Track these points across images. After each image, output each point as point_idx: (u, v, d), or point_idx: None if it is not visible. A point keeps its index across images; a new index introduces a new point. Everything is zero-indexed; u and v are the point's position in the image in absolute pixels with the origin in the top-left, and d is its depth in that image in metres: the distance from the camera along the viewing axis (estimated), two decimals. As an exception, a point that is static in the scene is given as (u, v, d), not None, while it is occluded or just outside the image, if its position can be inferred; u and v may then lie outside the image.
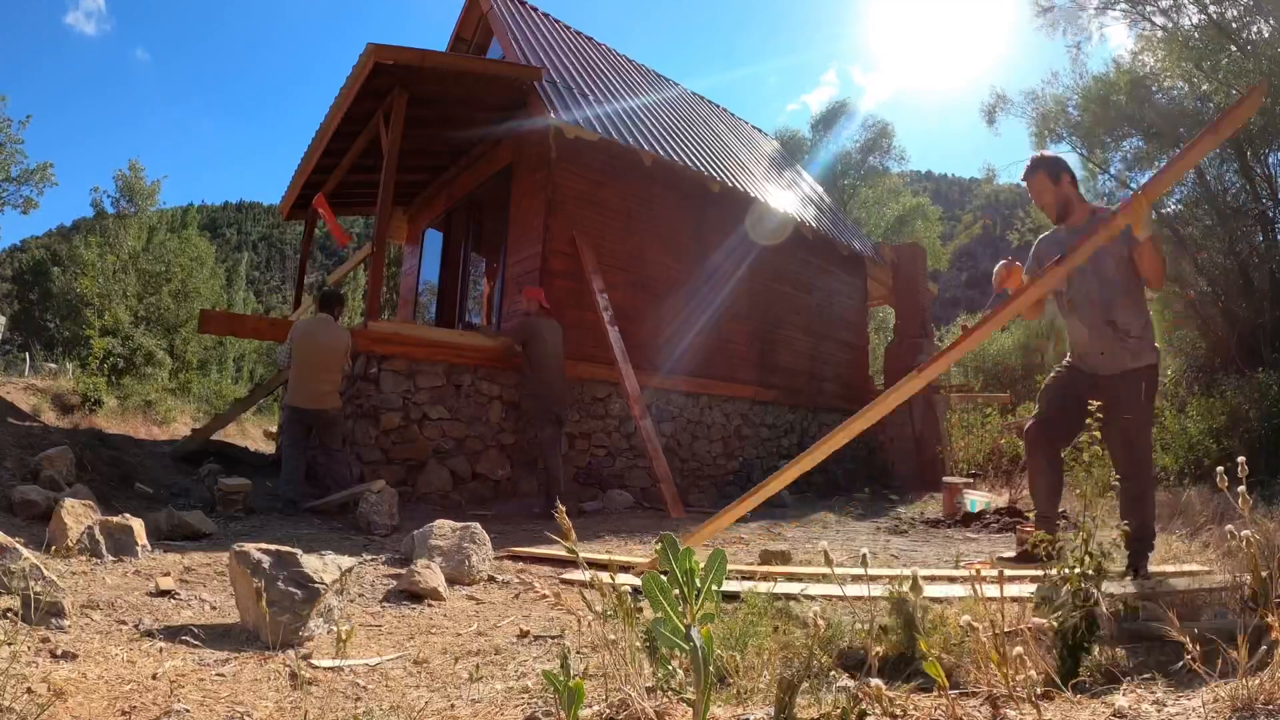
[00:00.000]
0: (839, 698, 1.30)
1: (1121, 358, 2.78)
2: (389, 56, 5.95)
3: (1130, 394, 2.73)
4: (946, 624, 1.76)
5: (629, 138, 7.64)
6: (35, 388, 10.13)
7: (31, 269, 21.63)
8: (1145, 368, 2.78)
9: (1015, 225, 14.10)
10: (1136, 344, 2.77)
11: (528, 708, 1.63)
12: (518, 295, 7.35)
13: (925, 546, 4.64)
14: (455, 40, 9.89)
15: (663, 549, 1.35)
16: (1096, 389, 2.73)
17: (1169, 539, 3.74)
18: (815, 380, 9.84)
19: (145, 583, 2.71)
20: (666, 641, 1.28)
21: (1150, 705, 1.27)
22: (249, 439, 11.29)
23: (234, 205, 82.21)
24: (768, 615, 1.91)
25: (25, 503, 3.71)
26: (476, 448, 6.33)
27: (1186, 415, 7.54)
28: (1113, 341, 2.80)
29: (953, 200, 43.81)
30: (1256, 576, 1.45)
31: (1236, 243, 9.73)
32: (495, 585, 3.15)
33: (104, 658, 1.87)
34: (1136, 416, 2.72)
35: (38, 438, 5.70)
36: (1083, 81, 11.07)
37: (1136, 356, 2.77)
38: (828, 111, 22.89)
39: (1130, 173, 11.45)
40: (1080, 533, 1.70)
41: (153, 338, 16.77)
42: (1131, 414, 2.70)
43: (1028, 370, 15.64)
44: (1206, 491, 4.85)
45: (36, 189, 17.04)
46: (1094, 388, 2.76)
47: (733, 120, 12.85)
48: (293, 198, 9.04)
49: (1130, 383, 2.75)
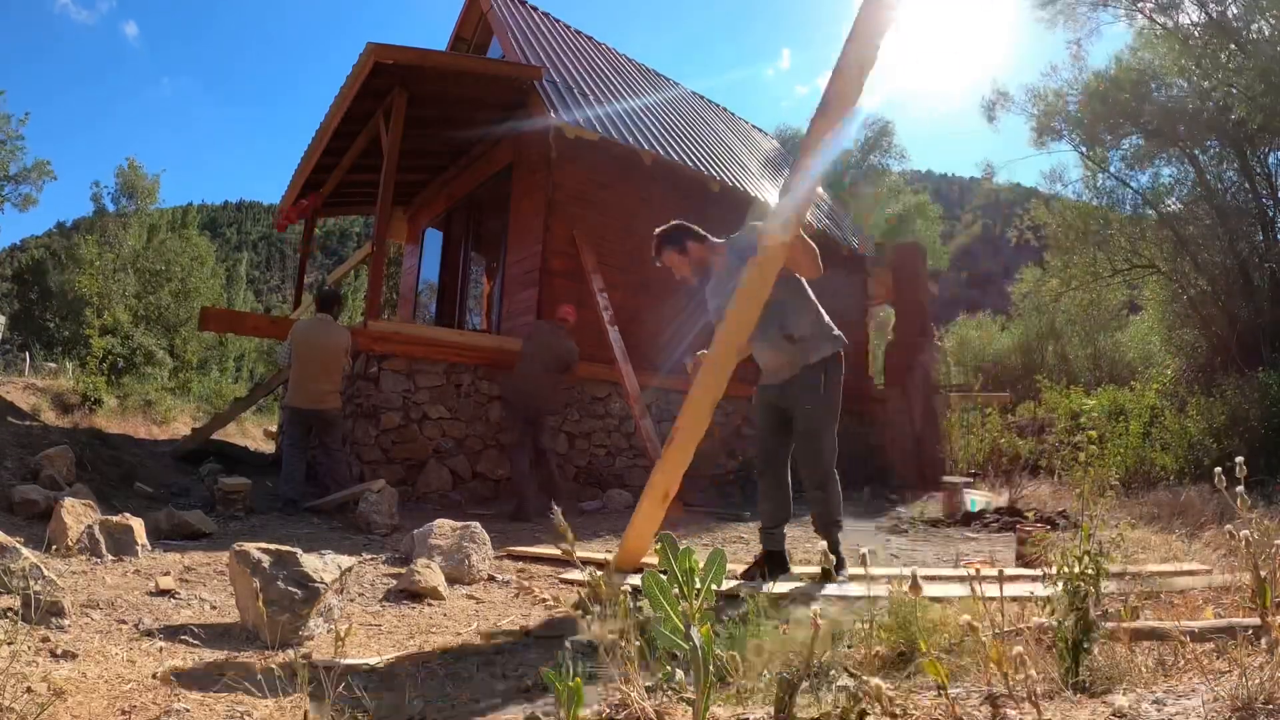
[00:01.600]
0: (839, 697, 1.30)
1: (795, 359, 2.96)
2: (389, 56, 5.95)
3: (807, 392, 2.92)
4: (946, 624, 1.76)
5: (629, 138, 7.64)
6: (35, 387, 10.12)
7: (31, 268, 21.61)
8: (825, 360, 2.93)
9: (1015, 224, 14.12)
10: (809, 344, 2.94)
11: (528, 707, 1.63)
12: (518, 295, 7.36)
13: (925, 546, 4.64)
14: (455, 40, 9.88)
15: (662, 549, 1.35)
16: (784, 394, 2.99)
17: (1169, 539, 3.74)
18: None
19: (145, 582, 2.71)
20: (666, 641, 1.28)
21: (1150, 705, 1.27)
22: (249, 439, 11.29)
23: (234, 205, 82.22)
24: (767, 615, 1.91)
25: (25, 502, 3.71)
26: (476, 447, 6.33)
27: (1186, 415, 7.54)
28: (778, 349, 2.99)
29: (953, 200, 43.80)
30: (1256, 577, 1.45)
31: (1236, 242, 9.73)
32: (495, 584, 3.16)
33: (104, 657, 1.87)
34: (817, 412, 2.90)
35: (38, 437, 5.70)
36: (1082, 78, 11.07)
37: (809, 355, 2.93)
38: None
39: (1130, 170, 11.45)
40: (1080, 532, 1.70)
41: (153, 337, 16.77)
42: (811, 410, 2.90)
43: (1027, 369, 15.64)
44: (1206, 491, 4.85)
45: (36, 186, 17.02)
46: (783, 394, 3.00)
47: (732, 120, 12.85)
48: (293, 197, 9.04)
49: (805, 381, 2.93)
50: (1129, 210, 11.78)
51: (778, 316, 2.92)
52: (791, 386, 2.96)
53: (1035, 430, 9.43)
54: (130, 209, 20.18)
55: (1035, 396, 10.90)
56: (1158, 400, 8.11)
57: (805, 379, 2.93)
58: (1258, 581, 1.44)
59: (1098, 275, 12.35)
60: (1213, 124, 9.32)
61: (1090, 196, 12.37)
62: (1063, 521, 5.06)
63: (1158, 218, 10.76)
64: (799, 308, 2.95)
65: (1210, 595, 2.25)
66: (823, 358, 2.93)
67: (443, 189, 9.50)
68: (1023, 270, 15.69)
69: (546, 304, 6.89)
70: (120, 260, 18.55)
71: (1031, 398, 11.43)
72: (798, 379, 2.94)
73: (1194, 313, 10.44)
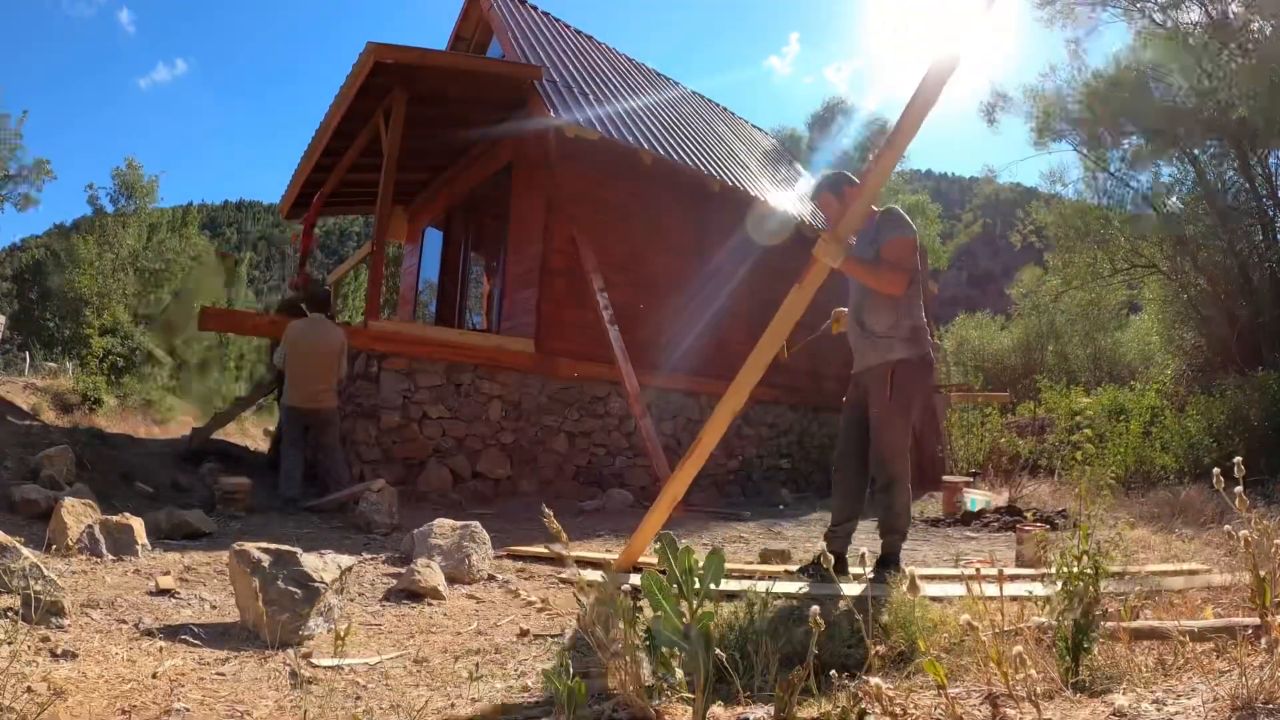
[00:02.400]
0: (839, 697, 1.30)
1: (868, 355, 2.97)
2: (389, 55, 5.94)
3: (876, 388, 2.91)
4: (946, 623, 1.76)
5: (629, 137, 7.64)
6: (35, 387, 10.12)
7: (31, 268, 21.59)
8: (891, 363, 2.90)
9: (1015, 224, 14.12)
10: (882, 343, 2.93)
11: (528, 706, 1.63)
12: (518, 295, 7.36)
13: (925, 545, 4.64)
14: (455, 39, 9.88)
15: (662, 549, 1.35)
16: (858, 386, 3.04)
17: (1169, 538, 3.74)
18: (816, 379, 9.83)
19: (145, 582, 2.71)
20: (666, 641, 1.28)
21: (1150, 704, 1.27)
22: (249, 438, 11.28)
23: (234, 204, 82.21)
24: (767, 614, 1.91)
25: (25, 501, 3.71)
26: (476, 446, 6.33)
27: (1186, 415, 7.54)
28: (860, 339, 3.02)
29: (953, 199, 43.75)
30: (1255, 576, 1.45)
31: (1236, 242, 9.73)
32: (495, 584, 3.16)
33: (104, 657, 1.87)
34: (881, 410, 2.88)
35: (38, 437, 5.70)
36: (1082, 78, 11.06)
37: (882, 354, 2.92)
38: (826, 110, 22.89)
39: (1130, 170, 11.45)
40: (1079, 531, 1.70)
41: (152, 337, 16.75)
42: (876, 407, 2.90)
43: (1027, 369, 15.64)
44: (1206, 491, 4.85)
45: (35, 185, 17.00)
46: (857, 386, 3.05)
47: (732, 119, 12.84)
48: (293, 196, 9.04)
49: (876, 377, 2.92)
50: (1129, 210, 11.79)
51: (857, 302, 3.00)
52: (865, 377, 2.99)
53: (1035, 430, 9.45)
54: (129, 209, 20.15)
55: (1035, 396, 10.91)
56: (1158, 400, 8.11)
57: (876, 374, 2.92)
58: (1257, 581, 1.44)
59: (1098, 275, 12.35)
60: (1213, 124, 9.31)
61: (1090, 196, 12.39)
62: (1062, 521, 5.07)
63: (1158, 217, 10.76)
64: (879, 306, 2.93)
65: (1210, 595, 2.25)
66: (896, 360, 2.89)
67: (443, 188, 9.50)
68: (1022, 270, 15.69)
69: (546, 303, 6.89)
70: (120, 260, 18.54)
71: (1031, 397, 11.43)
72: (871, 371, 2.95)
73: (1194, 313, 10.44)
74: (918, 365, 2.91)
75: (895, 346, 2.90)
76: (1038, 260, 14.95)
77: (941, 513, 6.17)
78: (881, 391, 2.88)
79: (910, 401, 2.92)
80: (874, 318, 2.94)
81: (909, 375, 2.89)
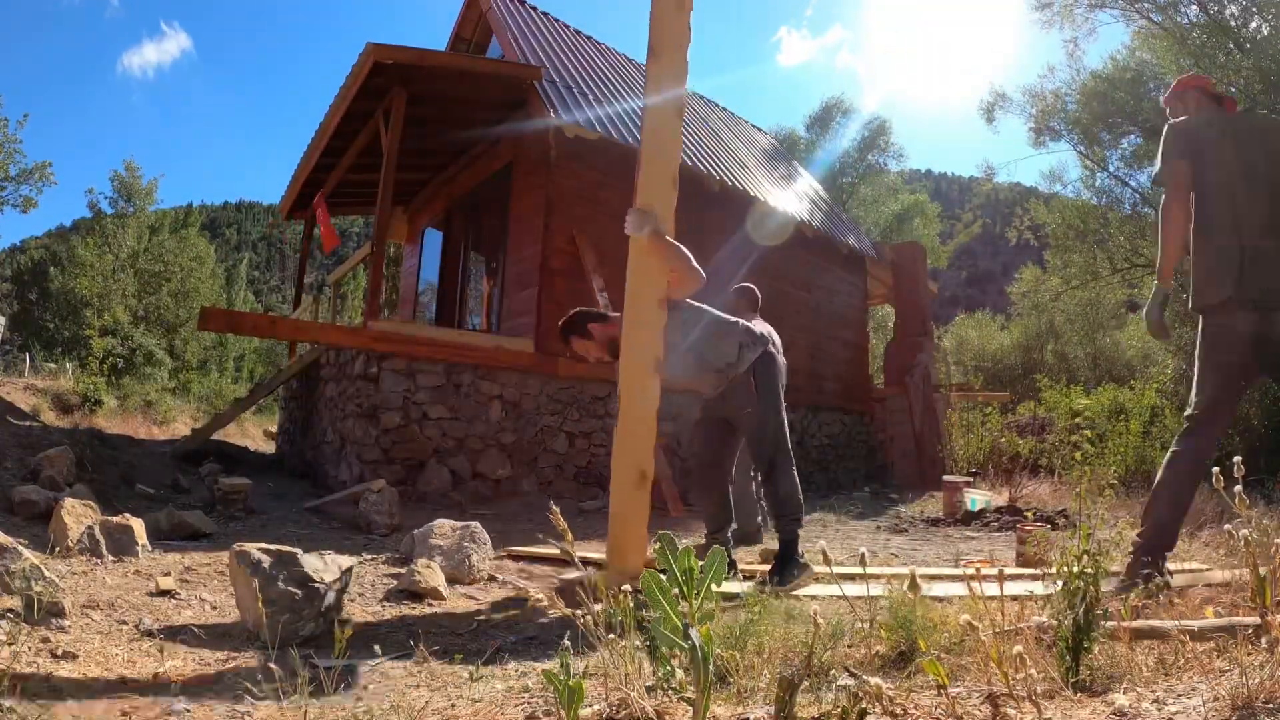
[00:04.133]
0: (839, 696, 1.30)
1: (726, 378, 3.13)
2: (388, 56, 5.95)
3: (740, 395, 3.10)
4: (947, 623, 1.76)
5: (629, 137, 7.64)
6: (35, 388, 10.13)
7: (31, 269, 21.60)
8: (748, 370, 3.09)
9: (1015, 224, 14.12)
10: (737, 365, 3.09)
11: (528, 707, 1.63)
12: (518, 295, 7.36)
13: (925, 545, 4.64)
14: (455, 39, 9.88)
15: (661, 549, 1.35)
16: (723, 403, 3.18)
17: (1169, 537, 3.73)
18: (815, 379, 9.84)
19: (145, 582, 2.71)
20: (666, 640, 1.28)
21: (1150, 704, 1.27)
22: (249, 439, 11.29)
23: (234, 205, 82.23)
24: (767, 614, 1.91)
25: (25, 502, 3.71)
26: (477, 447, 6.33)
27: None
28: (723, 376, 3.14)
29: (952, 199, 43.73)
30: (1255, 575, 1.45)
31: (1236, 241, 9.71)
32: (496, 584, 3.16)
33: (104, 657, 1.87)
34: (752, 409, 3.08)
35: (38, 437, 5.69)
36: (1080, 78, 11.08)
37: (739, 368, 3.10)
38: (824, 109, 22.89)
39: (1129, 169, 11.45)
40: (1079, 531, 1.70)
41: (152, 337, 16.77)
42: (749, 407, 3.08)
43: (1027, 368, 15.65)
44: (1208, 490, 4.85)
45: (35, 188, 17.03)
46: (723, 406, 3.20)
47: (732, 119, 12.85)
48: (293, 197, 9.05)
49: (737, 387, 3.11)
50: (1128, 209, 11.80)
51: (699, 359, 3.06)
52: (728, 395, 3.14)
53: (1035, 429, 9.44)
54: (129, 210, 20.16)
55: (1035, 396, 10.91)
56: (1157, 399, 8.11)
57: (737, 388, 3.10)
58: (1257, 580, 1.44)
59: (1097, 274, 12.36)
60: (1212, 123, 9.29)
61: (1089, 196, 12.39)
62: (1063, 520, 5.07)
63: (1157, 217, 10.74)
64: (711, 341, 3.07)
65: (1210, 594, 2.25)
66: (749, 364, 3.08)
67: (443, 188, 9.50)
68: (1022, 269, 15.70)
69: (546, 303, 6.89)
70: (119, 261, 18.55)
71: (1031, 397, 11.44)
72: (730, 391, 3.12)
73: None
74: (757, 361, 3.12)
75: (745, 355, 3.11)
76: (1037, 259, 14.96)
77: (942, 512, 6.17)
78: (747, 393, 3.08)
79: (775, 385, 3.13)
80: (717, 352, 3.09)
81: (762, 368, 3.10)
